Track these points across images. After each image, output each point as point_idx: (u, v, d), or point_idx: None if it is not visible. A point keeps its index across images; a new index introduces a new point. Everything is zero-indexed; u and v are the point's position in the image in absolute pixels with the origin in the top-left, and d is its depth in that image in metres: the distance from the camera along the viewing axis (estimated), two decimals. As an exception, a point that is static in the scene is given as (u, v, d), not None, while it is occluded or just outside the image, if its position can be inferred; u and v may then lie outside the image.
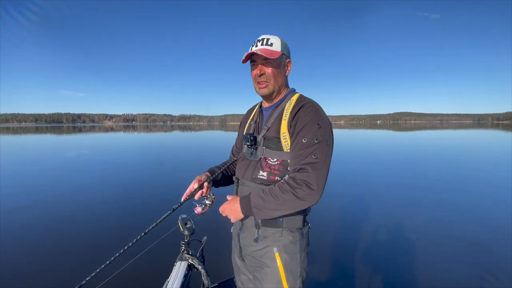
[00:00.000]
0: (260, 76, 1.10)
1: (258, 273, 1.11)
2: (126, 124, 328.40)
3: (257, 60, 1.10)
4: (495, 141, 19.44)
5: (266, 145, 1.11)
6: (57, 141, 21.78)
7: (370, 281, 2.42)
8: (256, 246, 1.12)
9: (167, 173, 7.75)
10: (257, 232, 1.11)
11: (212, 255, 2.59)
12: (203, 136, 29.99)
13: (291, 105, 1.09)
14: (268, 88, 1.11)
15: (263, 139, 1.12)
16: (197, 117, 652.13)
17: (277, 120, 1.10)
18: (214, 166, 1.35)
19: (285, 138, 1.05)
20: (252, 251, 1.13)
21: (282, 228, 1.08)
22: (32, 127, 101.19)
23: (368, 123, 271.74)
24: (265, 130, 1.13)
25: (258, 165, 1.11)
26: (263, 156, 1.10)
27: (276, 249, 1.07)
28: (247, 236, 1.16)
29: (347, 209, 4.40)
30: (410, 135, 28.85)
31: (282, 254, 1.06)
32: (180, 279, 1.22)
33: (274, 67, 1.09)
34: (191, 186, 1.17)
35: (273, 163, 1.07)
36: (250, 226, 1.15)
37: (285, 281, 1.04)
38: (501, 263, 2.67)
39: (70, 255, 2.91)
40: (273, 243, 1.08)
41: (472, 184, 6.12)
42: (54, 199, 5.07)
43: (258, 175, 1.10)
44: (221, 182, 1.34)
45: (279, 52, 1.07)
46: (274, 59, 1.07)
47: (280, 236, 1.07)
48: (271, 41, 1.08)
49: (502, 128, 57.85)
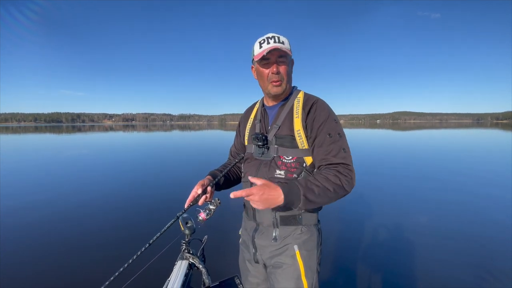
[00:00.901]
0: (276, 74, 1.07)
1: (276, 271, 1.10)
2: (125, 124, 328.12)
3: (271, 58, 1.06)
4: (494, 141, 19.47)
5: (279, 144, 1.09)
6: (56, 141, 21.74)
7: (370, 280, 2.42)
8: (275, 246, 1.11)
9: (167, 172, 7.75)
10: (275, 231, 1.10)
11: (213, 254, 2.60)
12: (203, 135, 29.98)
13: (300, 102, 1.10)
14: (282, 86, 1.10)
15: (275, 137, 1.11)
16: (197, 116, 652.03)
17: (288, 118, 1.09)
18: (215, 169, 1.31)
19: (299, 136, 1.05)
20: (271, 251, 1.12)
21: (302, 225, 1.09)
22: (31, 127, 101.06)
23: (368, 123, 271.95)
24: (276, 128, 1.11)
25: (272, 164, 1.09)
26: (277, 154, 1.09)
27: (297, 247, 1.08)
28: (265, 236, 1.14)
29: (347, 209, 4.40)
30: (410, 134, 28.88)
31: (302, 251, 1.07)
32: (180, 278, 1.22)
33: (287, 66, 1.09)
34: (194, 191, 1.11)
35: (288, 161, 1.07)
36: (267, 226, 1.13)
37: (304, 277, 1.06)
38: (501, 263, 2.67)
39: (70, 255, 2.90)
40: (293, 241, 1.08)
41: (472, 183, 6.13)
42: (54, 199, 5.06)
43: (275, 174, 1.08)
44: (223, 186, 1.30)
45: (290, 51, 1.08)
46: (286, 57, 1.08)
47: (300, 234, 1.09)
48: (282, 40, 1.07)
49: (501, 127, 57.96)
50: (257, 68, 1.12)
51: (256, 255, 1.18)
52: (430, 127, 56.80)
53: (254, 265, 1.22)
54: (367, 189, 5.64)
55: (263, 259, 1.16)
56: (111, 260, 2.70)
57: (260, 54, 1.04)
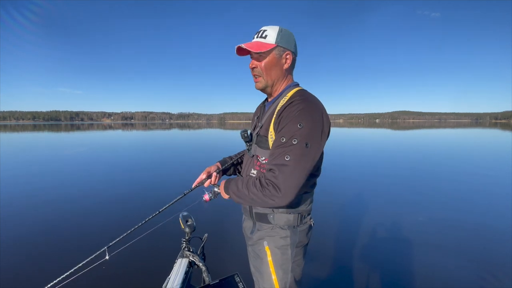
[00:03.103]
0: (252, 70, 1.08)
1: (256, 263, 1.15)
2: (124, 122, 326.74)
3: (252, 54, 1.07)
4: (493, 140, 19.50)
5: (257, 143, 1.11)
6: (55, 139, 21.65)
7: (369, 281, 2.43)
8: (252, 239, 1.16)
9: (167, 172, 7.73)
10: (254, 225, 1.16)
11: (213, 252, 2.59)
12: (202, 135, 29.92)
13: (284, 101, 1.03)
14: (260, 82, 1.08)
15: (256, 136, 1.12)
16: (196, 115, 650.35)
17: (269, 118, 1.07)
18: (227, 157, 1.39)
19: (271, 137, 1.02)
20: (251, 242, 1.18)
21: (273, 225, 1.09)
22: (29, 125, 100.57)
23: (367, 122, 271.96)
24: (259, 127, 1.12)
25: (251, 162, 1.13)
26: (255, 154, 1.11)
27: (266, 243, 1.10)
28: (246, 227, 1.22)
29: (346, 208, 4.42)
30: (409, 133, 28.90)
31: (272, 248, 1.08)
32: (181, 276, 1.23)
33: (266, 61, 1.04)
34: (201, 176, 1.21)
35: (262, 161, 1.08)
36: (247, 218, 1.21)
37: (275, 274, 1.07)
38: (501, 263, 2.66)
39: (71, 255, 2.90)
40: (264, 237, 1.11)
41: (472, 183, 6.14)
42: (54, 199, 5.04)
43: (250, 172, 1.13)
44: (232, 172, 1.37)
45: (272, 45, 1.02)
46: (266, 52, 1.03)
47: (271, 231, 1.10)
48: (266, 33, 1.03)
49: (500, 127, 58.08)
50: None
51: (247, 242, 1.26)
52: (429, 127, 56.85)
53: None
54: (366, 188, 5.66)
55: (248, 248, 1.24)
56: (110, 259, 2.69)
57: (236, 51, 1.06)
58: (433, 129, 40.61)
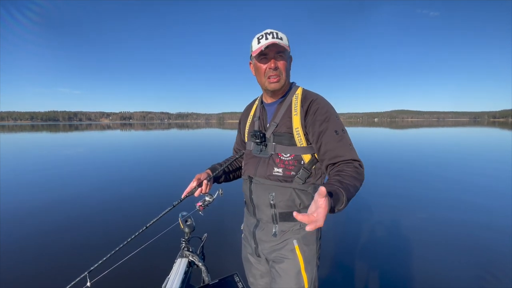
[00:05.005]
0: (274, 70, 1.08)
1: (277, 265, 1.13)
2: (123, 122, 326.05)
3: (269, 53, 1.07)
4: (492, 139, 19.59)
5: (277, 141, 1.10)
6: (54, 140, 21.58)
7: (369, 280, 2.43)
8: (275, 241, 1.13)
9: (167, 171, 7.72)
10: (275, 227, 1.13)
11: (213, 252, 2.59)
12: (202, 134, 29.91)
13: (298, 99, 1.10)
14: (280, 82, 1.10)
15: (273, 135, 1.12)
16: (195, 115, 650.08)
17: (286, 115, 1.10)
18: (217, 163, 1.36)
19: (298, 134, 1.06)
20: (271, 246, 1.14)
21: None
22: (27, 125, 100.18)
23: (366, 121, 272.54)
24: (274, 126, 1.12)
25: (270, 161, 1.11)
26: (275, 152, 1.10)
27: (296, 241, 1.10)
28: (265, 232, 1.16)
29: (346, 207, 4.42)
30: (408, 132, 28.98)
31: (301, 246, 1.10)
32: (180, 276, 1.22)
33: (285, 61, 1.09)
34: (191, 184, 1.19)
35: (286, 158, 1.08)
36: (266, 222, 1.16)
37: (304, 271, 1.08)
38: (501, 263, 2.65)
39: (70, 255, 2.89)
40: (292, 236, 1.10)
41: (471, 182, 6.15)
42: (53, 198, 5.03)
43: (273, 172, 1.09)
44: (223, 179, 1.35)
45: (288, 47, 1.08)
46: (284, 52, 1.08)
47: (298, 229, 1.10)
48: (280, 35, 1.07)
49: (498, 126, 58.37)
50: (255, 64, 1.12)
51: (258, 250, 1.20)
52: (428, 126, 57.05)
53: (256, 258, 1.25)
54: (366, 187, 5.63)
55: (264, 254, 1.19)
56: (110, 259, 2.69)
57: (258, 49, 1.05)
58: (432, 128, 40.76)
